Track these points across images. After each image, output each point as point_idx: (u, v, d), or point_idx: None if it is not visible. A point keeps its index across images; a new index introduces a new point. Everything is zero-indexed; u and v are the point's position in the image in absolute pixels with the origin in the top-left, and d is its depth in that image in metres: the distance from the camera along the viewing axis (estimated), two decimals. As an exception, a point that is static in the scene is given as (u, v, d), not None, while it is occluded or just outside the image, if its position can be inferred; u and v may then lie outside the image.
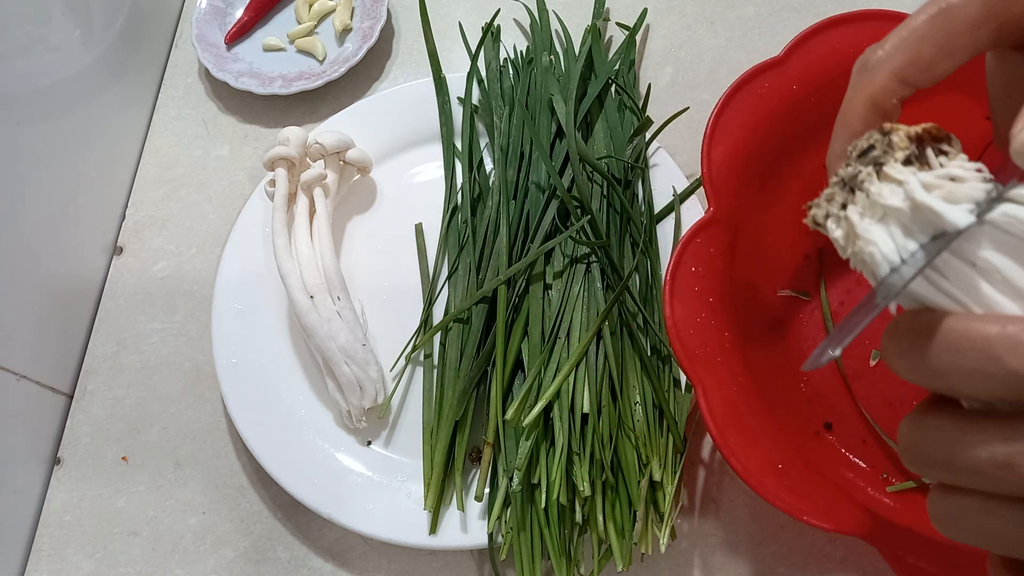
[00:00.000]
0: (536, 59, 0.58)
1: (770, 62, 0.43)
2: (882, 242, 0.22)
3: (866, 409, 0.47)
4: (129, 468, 0.55)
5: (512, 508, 0.44)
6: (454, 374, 0.49)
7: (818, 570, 0.46)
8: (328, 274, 0.51)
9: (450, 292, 0.53)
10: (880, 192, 0.23)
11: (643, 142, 0.55)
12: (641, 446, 0.44)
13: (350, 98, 0.64)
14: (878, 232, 0.23)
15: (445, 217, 0.56)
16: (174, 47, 0.70)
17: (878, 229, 0.23)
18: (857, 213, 0.23)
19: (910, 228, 0.22)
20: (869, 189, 0.23)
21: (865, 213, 0.23)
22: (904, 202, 0.22)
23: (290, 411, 0.52)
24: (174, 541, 0.52)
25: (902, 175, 0.22)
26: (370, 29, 0.65)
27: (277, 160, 0.54)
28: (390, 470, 0.50)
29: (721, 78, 0.61)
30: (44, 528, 0.53)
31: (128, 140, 0.65)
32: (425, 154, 0.60)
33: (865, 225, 0.23)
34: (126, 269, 0.61)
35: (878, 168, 0.23)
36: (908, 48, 0.25)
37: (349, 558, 0.50)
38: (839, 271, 0.50)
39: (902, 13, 0.43)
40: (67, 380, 0.58)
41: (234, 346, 0.53)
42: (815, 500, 0.37)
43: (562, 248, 0.51)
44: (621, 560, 0.42)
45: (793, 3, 0.63)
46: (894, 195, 0.22)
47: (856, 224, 0.23)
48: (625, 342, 0.47)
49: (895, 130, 0.23)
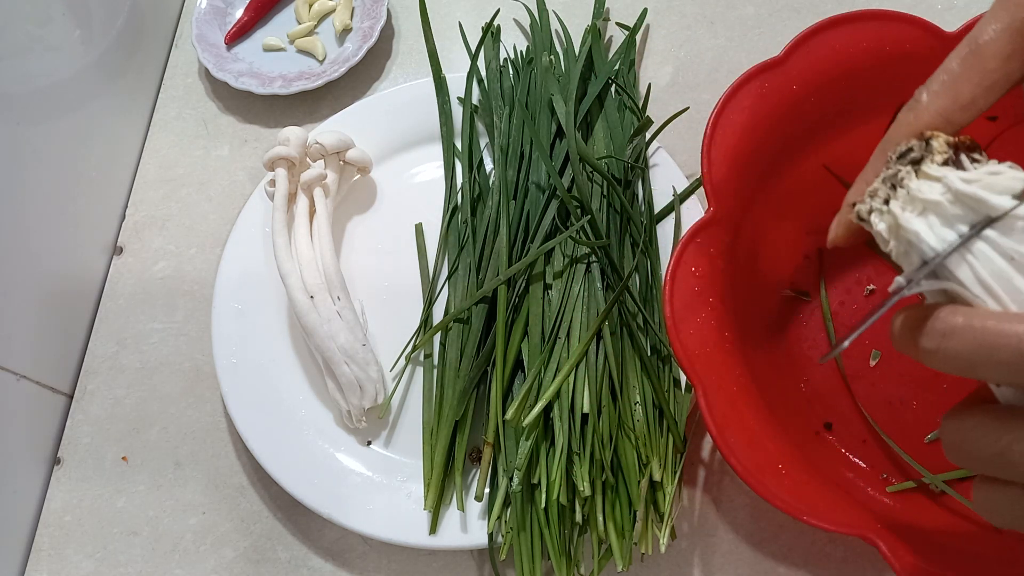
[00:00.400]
0: (536, 59, 0.58)
1: (770, 62, 0.43)
2: (924, 231, 0.25)
3: (866, 409, 0.47)
4: (129, 468, 0.55)
5: (512, 508, 0.44)
6: (454, 374, 0.49)
7: (818, 570, 0.46)
8: (328, 274, 0.51)
9: (450, 292, 0.53)
10: (920, 188, 0.26)
11: (643, 142, 0.55)
12: (641, 446, 0.44)
13: (350, 98, 0.64)
14: (919, 223, 0.25)
15: (445, 217, 0.56)
16: (174, 47, 0.70)
17: (919, 221, 0.25)
18: (899, 207, 0.26)
19: (949, 219, 0.25)
20: (909, 186, 0.26)
21: (906, 207, 0.26)
22: (944, 195, 0.25)
23: (290, 411, 0.52)
24: (174, 541, 0.52)
25: (940, 172, 0.25)
26: (370, 29, 0.65)
27: (277, 160, 0.54)
28: (390, 470, 0.50)
29: (721, 78, 0.61)
30: (44, 528, 0.54)
31: (128, 140, 0.65)
32: (425, 154, 0.60)
33: (907, 217, 0.26)
34: (126, 269, 0.61)
35: (916, 167, 0.26)
36: (949, 90, 0.27)
37: (349, 558, 0.50)
38: (839, 271, 0.50)
39: (902, 13, 0.43)
40: (67, 380, 0.58)
41: (234, 346, 0.53)
42: (815, 500, 0.37)
43: (562, 248, 0.51)
44: (621, 560, 0.42)
45: (793, 3, 0.63)
46: (932, 190, 0.25)
47: (899, 216, 0.26)
48: (625, 342, 0.47)
49: (935, 136, 0.26)
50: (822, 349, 0.49)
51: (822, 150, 0.47)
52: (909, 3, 0.60)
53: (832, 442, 0.46)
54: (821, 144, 0.46)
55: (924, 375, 0.47)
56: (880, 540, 0.35)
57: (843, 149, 0.46)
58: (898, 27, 0.43)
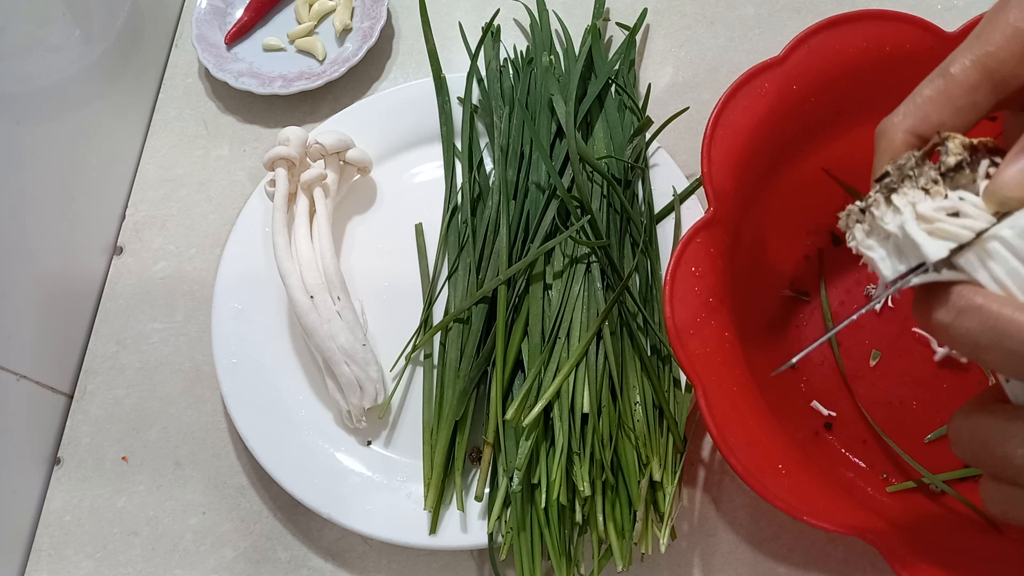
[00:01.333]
0: (536, 59, 0.58)
1: (770, 62, 0.43)
2: (879, 259, 0.27)
3: (866, 409, 0.47)
4: (129, 468, 0.55)
5: (512, 508, 0.44)
6: (454, 374, 0.49)
7: (818, 570, 0.46)
8: (328, 274, 0.51)
9: (450, 292, 0.53)
10: (883, 216, 0.26)
11: (643, 142, 0.55)
12: (641, 446, 0.44)
13: (350, 98, 0.64)
14: (877, 250, 0.27)
15: (445, 217, 0.56)
16: (174, 47, 0.70)
17: (878, 247, 0.27)
18: (863, 231, 0.27)
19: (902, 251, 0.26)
20: (874, 212, 0.27)
21: (871, 232, 0.27)
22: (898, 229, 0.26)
23: (290, 411, 0.52)
24: (174, 541, 0.52)
25: (902, 204, 0.26)
26: (370, 29, 0.65)
27: (277, 160, 0.54)
28: (390, 470, 0.50)
29: (721, 78, 0.61)
30: (44, 528, 0.54)
31: (128, 140, 0.65)
32: (425, 154, 0.60)
33: (867, 242, 0.27)
34: (126, 269, 0.61)
35: (889, 193, 0.26)
36: (918, 112, 0.29)
37: (349, 558, 0.50)
38: (839, 271, 0.50)
39: (902, 13, 0.43)
40: (67, 380, 0.58)
41: (234, 346, 0.53)
42: (815, 500, 0.37)
43: (562, 248, 0.51)
44: (621, 560, 0.42)
45: (793, 3, 0.63)
46: (893, 221, 0.26)
47: (860, 241, 0.27)
48: (625, 342, 0.47)
49: (952, 138, 0.26)
50: (822, 349, 0.49)
51: (822, 150, 0.47)
52: (909, 3, 0.60)
53: (832, 442, 0.46)
54: (821, 144, 0.46)
55: (924, 375, 0.47)
56: (880, 540, 0.35)
57: (843, 149, 0.46)
58: (898, 27, 0.43)
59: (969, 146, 0.26)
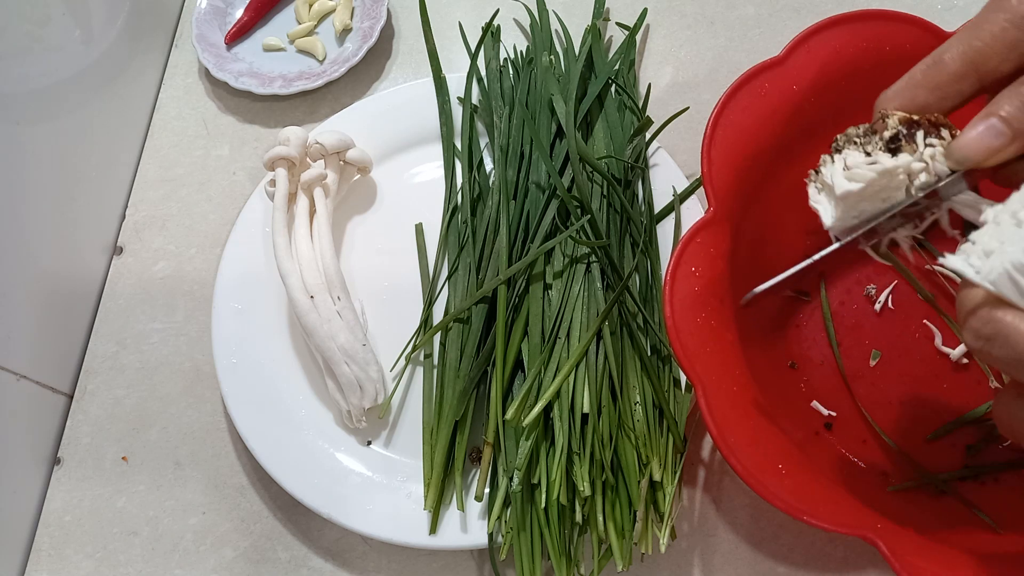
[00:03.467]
0: (536, 59, 0.58)
1: (770, 62, 0.43)
2: (823, 211, 0.33)
3: (866, 409, 0.47)
4: (129, 468, 0.55)
5: (512, 508, 0.44)
6: (454, 374, 0.49)
7: (818, 570, 0.46)
8: (328, 274, 0.51)
9: (450, 292, 0.53)
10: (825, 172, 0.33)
11: (643, 142, 0.55)
12: (641, 446, 0.44)
13: (350, 98, 0.64)
14: (824, 204, 0.33)
15: (445, 217, 0.56)
16: (174, 47, 0.70)
17: (825, 201, 0.33)
18: (816, 188, 0.33)
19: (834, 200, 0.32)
20: (821, 170, 0.33)
21: (821, 189, 0.33)
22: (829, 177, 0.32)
23: (290, 411, 0.52)
24: (174, 541, 0.52)
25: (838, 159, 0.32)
26: (370, 29, 0.65)
27: (277, 160, 0.54)
28: (390, 470, 0.50)
29: (721, 78, 0.61)
30: (44, 528, 0.54)
31: (128, 140, 0.65)
32: (425, 154, 0.60)
33: (817, 197, 0.33)
34: (126, 269, 0.61)
35: (834, 155, 0.32)
36: (907, 92, 0.32)
37: (349, 558, 0.50)
38: (839, 271, 0.50)
39: (902, 13, 0.43)
40: (67, 380, 0.58)
41: (234, 346, 0.53)
42: (815, 500, 0.37)
43: (562, 248, 0.51)
44: (621, 560, 0.42)
45: (793, 3, 0.63)
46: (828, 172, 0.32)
47: (812, 197, 0.33)
48: (625, 342, 0.47)
49: (891, 115, 0.32)
50: (822, 349, 0.49)
51: (822, 150, 0.46)
52: (909, 3, 0.60)
53: (832, 442, 0.46)
54: (821, 144, 0.46)
55: (924, 375, 0.47)
56: (880, 540, 0.35)
57: (843, 149, 0.46)
58: (898, 27, 0.43)
59: (907, 121, 0.31)
